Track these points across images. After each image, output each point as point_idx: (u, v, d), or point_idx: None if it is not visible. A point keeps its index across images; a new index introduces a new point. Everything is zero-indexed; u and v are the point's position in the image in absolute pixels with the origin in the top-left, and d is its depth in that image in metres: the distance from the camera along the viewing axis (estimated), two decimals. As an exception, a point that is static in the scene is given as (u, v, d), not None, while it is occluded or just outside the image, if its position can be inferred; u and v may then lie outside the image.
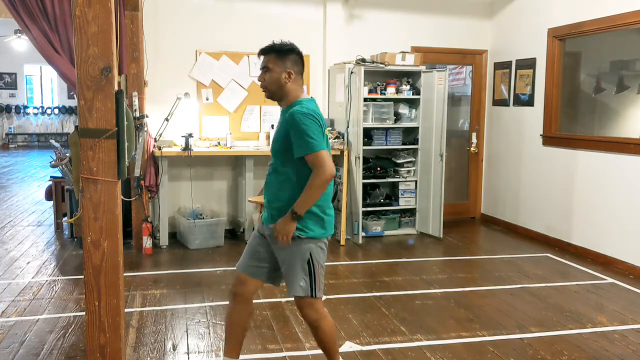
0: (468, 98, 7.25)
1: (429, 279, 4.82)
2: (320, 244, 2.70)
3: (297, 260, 2.66)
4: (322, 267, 2.72)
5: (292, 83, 2.69)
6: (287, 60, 2.69)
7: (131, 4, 5.35)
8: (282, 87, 2.69)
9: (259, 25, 6.18)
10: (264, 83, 2.72)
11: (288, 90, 2.69)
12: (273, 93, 2.72)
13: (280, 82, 2.68)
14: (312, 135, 2.52)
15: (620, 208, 5.16)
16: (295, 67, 2.70)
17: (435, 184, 6.14)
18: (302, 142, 2.52)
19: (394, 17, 6.62)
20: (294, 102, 2.68)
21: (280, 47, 2.71)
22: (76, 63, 2.08)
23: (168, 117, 5.56)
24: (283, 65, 2.68)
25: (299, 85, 2.73)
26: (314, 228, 2.65)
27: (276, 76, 2.68)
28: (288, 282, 2.71)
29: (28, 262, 5.11)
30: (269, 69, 2.70)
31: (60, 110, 17.32)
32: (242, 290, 2.81)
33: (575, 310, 4.13)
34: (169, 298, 4.27)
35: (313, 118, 2.56)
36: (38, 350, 3.33)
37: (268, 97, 2.77)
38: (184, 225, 5.69)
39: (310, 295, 2.68)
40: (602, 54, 6.25)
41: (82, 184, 2.13)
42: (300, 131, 2.53)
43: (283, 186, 2.67)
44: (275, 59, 2.69)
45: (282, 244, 2.62)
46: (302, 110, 2.57)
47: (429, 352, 3.39)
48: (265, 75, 2.72)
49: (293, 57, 2.71)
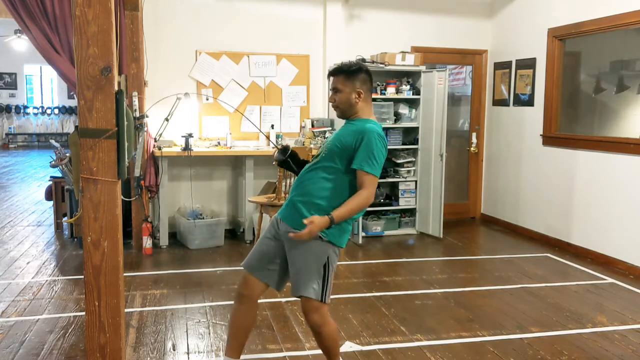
0: (468, 98, 7.25)
1: (429, 279, 4.82)
2: (337, 250, 2.72)
3: (314, 262, 2.65)
4: (333, 273, 2.73)
5: (363, 101, 2.74)
6: (357, 80, 2.72)
7: (131, 4, 5.34)
8: (352, 107, 2.73)
9: (259, 26, 6.18)
10: (335, 103, 2.76)
11: (359, 109, 2.74)
12: (345, 112, 2.77)
13: (351, 101, 2.72)
14: (378, 160, 2.62)
15: (620, 208, 5.16)
16: (365, 86, 2.74)
17: (435, 184, 6.14)
18: (368, 159, 2.59)
19: (394, 17, 6.62)
20: (365, 119, 2.74)
21: (349, 68, 2.74)
22: (76, 63, 2.08)
23: (168, 117, 5.55)
24: (352, 85, 2.71)
25: (369, 104, 2.78)
26: (335, 233, 2.66)
27: (346, 96, 2.72)
28: (299, 282, 2.68)
29: (28, 262, 5.11)
30: (339, 90, 2.73)
31: (60, 110, 17.32)
32: (249, 291, 2.80)
33: (575, 310, 4.13)
34: (169, 298, 4.27)
35: (385, 145, 2.67)
36: (38, 350, 3.33)
37: (339, 116, 2.81)
38: (184, 225, 5.69)
39: (320, 300, 2.67)
40: (602, 54, 6.25)
41: (82, 184, 2.13)
42: (370, 150, 2.60)
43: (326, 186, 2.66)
44: (344, 79, 2.72)
45: (299, 236, 2.55)
46: (380, 133, 2.67)
47: (429, 352, 3.39)
48: (335, 96, 2.75)
49: (362, 76, 2.74)
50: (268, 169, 6.07)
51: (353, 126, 2.72)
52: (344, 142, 2.67)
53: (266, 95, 6.29)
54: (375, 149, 2.60)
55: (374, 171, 2.60)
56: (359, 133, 2.64)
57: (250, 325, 2.89)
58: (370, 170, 2.59)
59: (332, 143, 2.73)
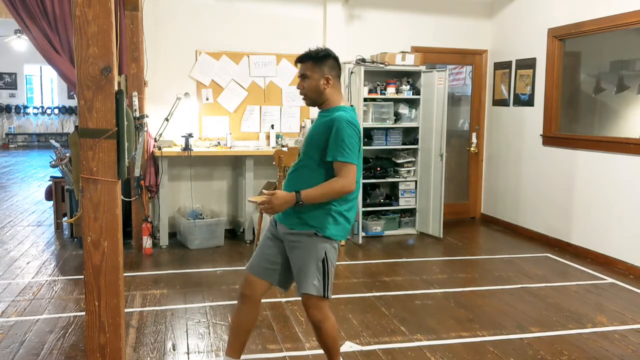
0: (468, 98, 7.25)
1: (429, 279, 4.82)
2: (335, 244, 2.71)
3: (313, 258, 2.66)
4: (334, 268, 2.73)
5: (331, 88, 2.70)
6: (325, 66, 2.69)
7: (131, 4, 5.34)
8: (321, 94, 2.70)
9: (259, 26, 6.18)
10: (304, 91, 2.73)
11: (328, 96, 2.71)
12: (313, 100, 2.74)
13: (319, 88, 2.69)
14: (351, 147, 2.56)
15: (620, 208, 5.16)
16: (333, 72, 2.71)
17: (435, 184, 6.14)
18: (338, 148, 2.55)
19: (394, 17, 6.62)
20: (336, 107, 2.70)
21: (317, 54, 2.72)
22: (76, 63, 2.08)
23: (168, 117, 5.56)
24: (321, 71, 2.68)
25: (338, 90, 2.74)
26: (331, 228, 2.65)
27: (315, 83, 2.69)
28: (300, 280, 2.69)
29: (28, 262, 5.11)
30: (307, 77, 2.70)
31: (60, 110, 17.32)
32: (251, 291, 2.81)
33: (575, 310, 4.13)
34: (169, 298, 4.27)
35: (356, 130, 2.61)
36: (38, 350, 3.33)
37: (308, 104, 2.79)
38: (184, 225, 5.69)
39: (322, 296, 2.67)
40: (602, 54, 6.25)
41: (82, 184, 2.13)
42: (340, 139, 2.55)
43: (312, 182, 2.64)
44: (312, 66, 2.69)
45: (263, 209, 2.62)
46: (348, 118, 2.60)
47: (429, 352, 3.39)
48: (304, 83, 2.72)
49: (330, 62, 2.72)
50: (268, 169, 6.07)
51: (324, 118, 2.70)
52: (317, 138, 2.67)
53: (266, 95, 6.29)
54: (345, 137, 2.55)
55: (347, 159, 2.55)
56: (329, 124, 2.61)
57: (251, 325, 2.89)
58: (344, 159, 2.55)
59: (307, 141, 2.74)
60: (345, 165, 2.56)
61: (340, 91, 2.77)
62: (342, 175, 2.56)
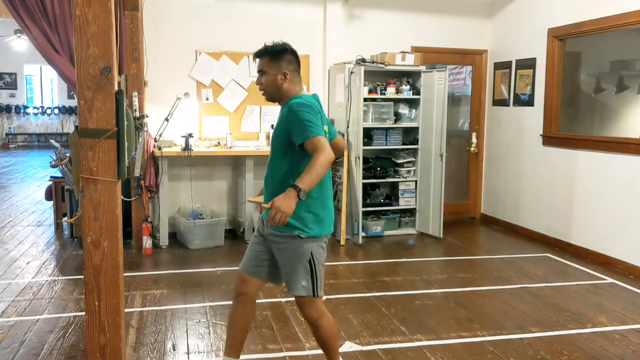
0: (468, 98, 7.25)
1: (429, 279, 4.82)
2: (320, 242, 2.70)
3: (299, 260, 2.66)
4: (322, 266, 2.73)
5: (289, 83, 2.68)
6: (282, 61, 2.68)
7: (131, 4, 5.34)
8: (279, 89, 2.69)
9: (259, 26, 6.18)
10: (262, 86, 2.73)
11: (285, 91, 2.69)
12: (271, 95, 2.73)
13: (277, 83, 2.68)
14: (313, 121, 2.50)
15: (620, 208, 5.16)
16: (291, 67, 2.70)
17: (435, 184, 6.14)
18: (301, 128, 2.50)
19: (394, 17, 6.62)
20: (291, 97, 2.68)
21: (273, 49, 2.71)
22: (76, 63, 2.08)
23: (168, 117, 5.56)
24: (277, 66, 2.68)
25: (297, 84, 2.72)
26: (314, 227, 2.65)
27: (272, 78, 2.68)
28: (289, 282, 2.71)
29: (28, 262, 5.11)
30: (265, 72, 2.70)
31: (60, 110, 17.32)
32: (245, 289, 2.81)
33: (575, 310, 4.13)
34: (169, 298, 4.27)
35: (310, 108, 2.56)
36: (38, 350, 3.33)
37: (268, 99, 2.77)
38: (184, 225, 5.69)
39: (312, 295, 2.68)
40: (602, 54, 6.25)
41: (82, 184, 2.13)
42: (300, 120, 2.51)
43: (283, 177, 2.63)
44: (269, 61, 2.69)
45: (277, 222, 2.37)
46: (300, 101, 2.59)
47: (429, 352, 3.39)
48: (262, 79, 2.72)
49: (287, 57, 2.70)
50: (268, 169, 6.07)
51: (282, 111, 2.69)
52: (278, 132, 2.67)
53: (266, 95, 6.28)
54: (303, 116, 2.51)
55: (314, 133, 2.47)
56: (286, 114, 2.61)
57: (249, 324, 2.89)
58: (311, 134, 2.48)
59: (272, 139, 2.74)
60: (315, 139, 2.47)
61: (301, 85, 2.75)
62: (319, 149, 2.46)
